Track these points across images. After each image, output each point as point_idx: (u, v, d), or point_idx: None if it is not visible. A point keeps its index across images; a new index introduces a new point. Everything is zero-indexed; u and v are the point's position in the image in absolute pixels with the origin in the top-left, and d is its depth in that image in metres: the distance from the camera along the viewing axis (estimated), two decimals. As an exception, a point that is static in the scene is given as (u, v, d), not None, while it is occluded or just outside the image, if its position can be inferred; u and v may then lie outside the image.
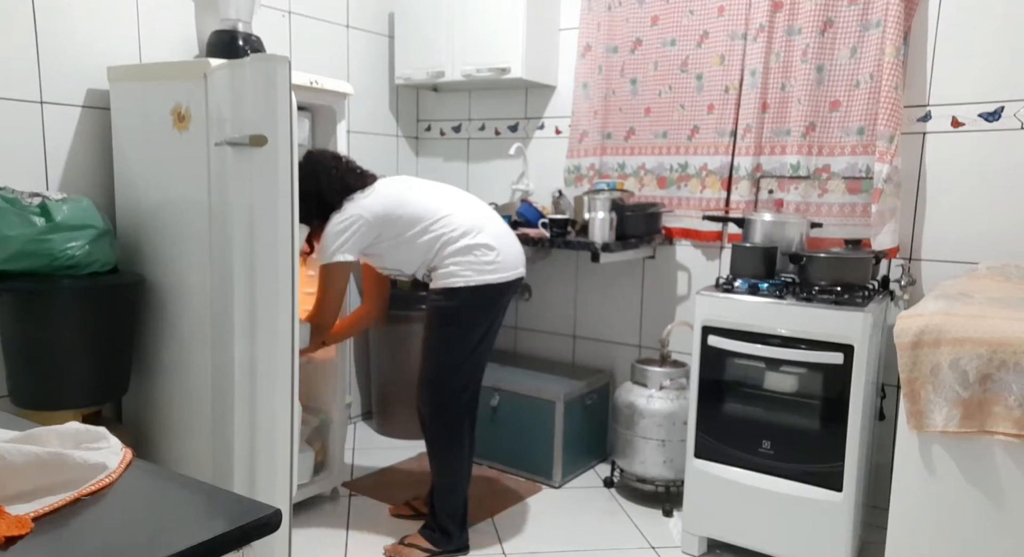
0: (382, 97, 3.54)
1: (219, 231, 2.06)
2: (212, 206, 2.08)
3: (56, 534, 0.81)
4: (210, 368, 2.14)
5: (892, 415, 2.37)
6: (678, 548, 2.46)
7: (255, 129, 1.85)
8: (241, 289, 1.96)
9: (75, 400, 2.14)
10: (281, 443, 1.91)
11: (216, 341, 2.10)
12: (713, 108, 2.84)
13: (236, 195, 1.95)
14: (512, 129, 3.44)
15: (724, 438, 2.34)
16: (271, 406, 1.92)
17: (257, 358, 1.94)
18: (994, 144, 2.38)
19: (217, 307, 2.08)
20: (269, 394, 1.92)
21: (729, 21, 2.76)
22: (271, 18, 2.96)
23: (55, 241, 2.04)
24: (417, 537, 2.38)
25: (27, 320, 2.06)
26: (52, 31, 2.27)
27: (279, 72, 1.81)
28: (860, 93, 2.53)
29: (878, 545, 2.06)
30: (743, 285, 2.36)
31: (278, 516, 0.88)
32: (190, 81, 2.11)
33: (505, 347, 3.55)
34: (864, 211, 2.57)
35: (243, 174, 1.92)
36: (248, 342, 1.95)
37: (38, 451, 0.89)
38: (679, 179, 2.96)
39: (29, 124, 2.26)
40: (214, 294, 2.10)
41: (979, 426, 1.70)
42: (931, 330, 1.73)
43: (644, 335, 3.15)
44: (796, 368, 2.24)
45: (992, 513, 1.72)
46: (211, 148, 2.04)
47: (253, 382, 1.96)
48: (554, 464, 2.90)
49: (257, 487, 1.97)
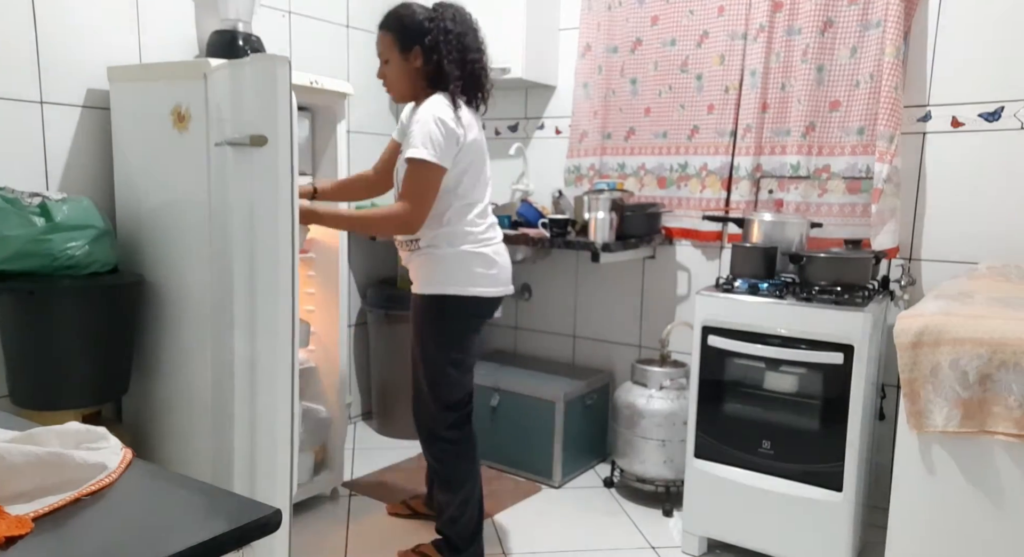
0: (382, 97, 3.53)
1: (219, 231, 2.06)
2: (212, 206, 2.08)
3: (56, 534, 0.81)
4: (211, 367, 2.14)
5: (892, 415, 2.36)
6: (678, 548, 2.46)
7: (255, 129, 1.85)
8: (241, 289, 1.96)
9: (75, 400, 2.14)
10: (281, 443, 1.91)
11: (216, 340, 2.10)
12: (713, 108, 2.84)
13: (236, 195, 1.95)
14: (512, 129, 3.44)
15: (724, 438, 2.34)
16: (272, 405, 1.92)
17: (257, 357, 1.94)
18: (994, 144, 2.38)
19: (217, 307, 2.08)
20: (269, 393, 1.92)
21: (729, 21, 2.76)
22: (271, 18, 2.96)
23: (55, 241, 2.04)
24: (430, 548, 2.32)
25: (27, 320, 2.06)
26: (52, 31, 2.27)
27: (279, 72, 1.81)
28: (860, 93, 2.53)
29: (878, 545, 2.05)
30: (743, 285, 2.36)
31: (278, 516, 0.88)
32: (190, 81, 2.11)
33: (505, 347, 3.55)
34: (864, 211, 2.57)
35: (243, 174, 1.92)
36: (248, 341, 1.95)
37: (38, 451, 0.89)
38: (679, 179, 2.96)
39: (29, 124, 2.26)
40: (214, 294, 2.10)
41: (979, 426, 1.70)
42: (931, 330, 1.73)
43: (644, 335, 3.15)
44: (796, 368, 2.24)
45: (992, 513, 1.72)
46: (211, 148, 2.04)
47: (253, 381, 1.96)
48: (554, 464, 2.90)
49: (257, 487, 1.97)
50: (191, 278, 2.20)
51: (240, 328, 1.96)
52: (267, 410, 1.93)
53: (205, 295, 2.15)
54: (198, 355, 2.20)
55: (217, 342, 2.09)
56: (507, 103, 3.42)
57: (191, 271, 2.20)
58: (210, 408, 2.14)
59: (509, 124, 3.45)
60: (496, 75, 3.04)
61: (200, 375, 2.19)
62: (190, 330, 2.23)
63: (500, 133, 3.46)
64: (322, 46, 3.22)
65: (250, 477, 1.98)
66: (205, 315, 2.16)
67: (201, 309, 2.18)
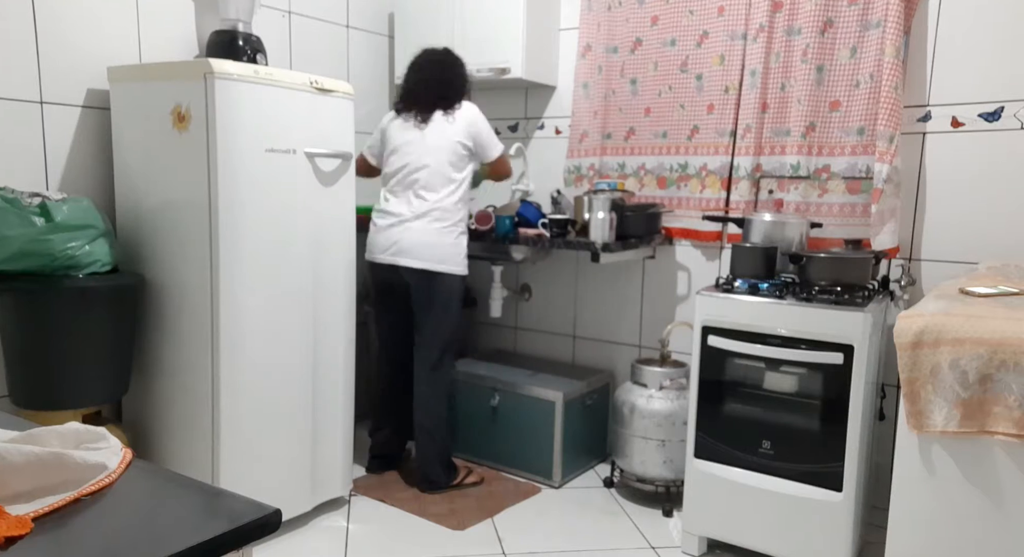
0: (382, 97, 3.54)
1: (220, 231, 2.05)
2: (212, 206, 2.08)
3: (56, 534, 0.81)
4: (221, 369, 2.14)
5: (892, 415, 2.36)
6: (678, 548, 2.46)
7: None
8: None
9: (75, 400, 2.14)
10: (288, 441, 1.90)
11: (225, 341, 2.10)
12: (713, 108, 2.84)
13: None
14: (512, 129, 3.44)
15: (724, 438, 2.34)
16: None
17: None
18: (994, 144, 2.38)
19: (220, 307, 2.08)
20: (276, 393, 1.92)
21: (729, 21, 2.76)
22: (271, 18, 2.96)
23: (55, 241, 2.04)
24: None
25: (27, 320, 2.06)
26: (52, 31, 2.27)
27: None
28: (860, 93, 2.53)
29: (878, 545, 2.06)
30: (743, 285, 2.36)
31: (278, 516, 0.88)
32: (190, 81, 2.11)
33: (505, 347, 3.55)
34: (864, 211, 2.57)
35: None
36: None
37: (38, 451, 0.89)
38: (679, 179, 2.96)
39: (29, 124, 2.26)
40: (215, 294, 2.10)
41: (979, 426, 1.70)
42: (931, 330, 1.73)
43: (644, 335, 3.15)
44: (796, 368, 2.24)
45: (992, 513, 1.72)
46: (211, 148, 2.04)
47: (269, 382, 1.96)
48: (554, 464, 2.90)
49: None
50: (191, 278, 2.20)
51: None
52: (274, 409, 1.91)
53: (205, 295, 2.15)
54: (198, 355, 2.20)
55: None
56: (507, 103, 3.42)
57: (191, 271, 2.20)
58: (210, 408, 2.13)
59: (509, 124, 3.45)
60: (496, 75, 3.07)
61: (200, 375, 2.19)
62: (190, 330, 2.23)
63: (500, 133, 3.45)
64: (322, 46, 3.22)
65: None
66: (205, 315, 2.16)
67: (201, 309, 2.18)
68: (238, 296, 2.21)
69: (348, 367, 2.63)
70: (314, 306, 2.46)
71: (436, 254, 2.64)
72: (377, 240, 2.71)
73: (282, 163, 2.30)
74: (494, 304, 3.19)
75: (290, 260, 2.36)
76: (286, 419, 2.40)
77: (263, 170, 2.25)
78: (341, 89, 2.51)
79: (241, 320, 2.23)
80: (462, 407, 3.08)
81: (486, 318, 3.40)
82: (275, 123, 2.27)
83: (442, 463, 2.81)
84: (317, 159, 2.42)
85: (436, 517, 2.60)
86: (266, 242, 2.28)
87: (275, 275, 2.32)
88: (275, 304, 2.33)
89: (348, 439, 2.67)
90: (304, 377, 2.44)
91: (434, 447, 2.79)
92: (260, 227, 2.26)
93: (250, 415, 2.28)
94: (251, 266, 2.24)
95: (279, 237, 2.32)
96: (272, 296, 2.32)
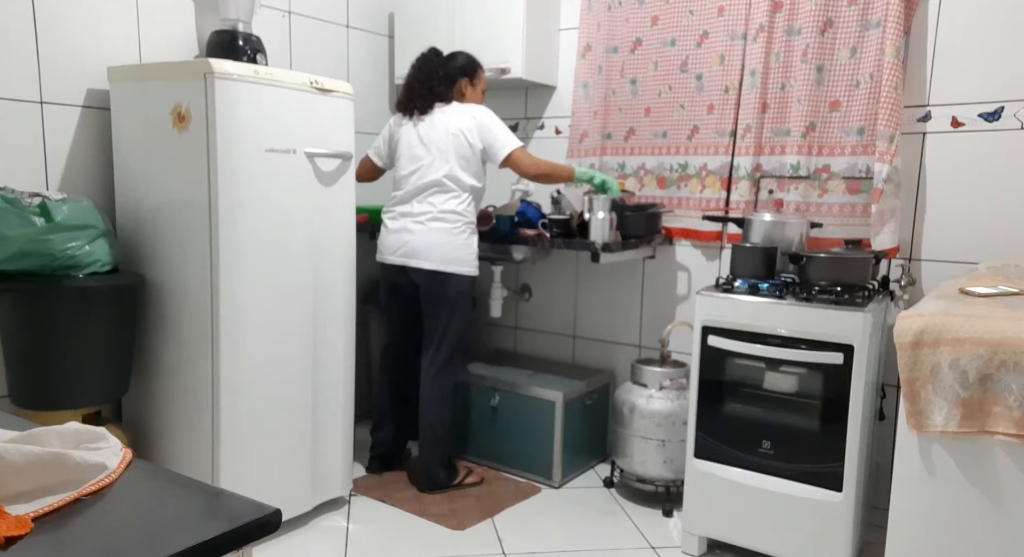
0: (382, 97, 3.54)
1: (220, 231, 2.05)
2: (212, 206, 2.08)
3: (56, 534, 0.81)
4: (221, 369, 2.14)
5: (892, 415, 2.36)
6: (678, 548, 2.46)
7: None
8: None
9: (75, 400, 2.14)
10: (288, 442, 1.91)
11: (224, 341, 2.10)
12: (713, 108, 2.84)
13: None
14: (512, 129, 3.43)
15: (724, 438, 2.34)
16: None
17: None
18: (994, 144, 2.38)
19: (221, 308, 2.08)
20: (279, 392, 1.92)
21: (729, 21, 2.76)
22: (271, 18, 2.96)
23: (55, 241, 2.04)
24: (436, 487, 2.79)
25: (27, 320, 2.06)
26: (52, 31, 2.27)
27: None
28: (860, 93, 2.53)
29: (878, 545, 2.06)
30: (743, 285, 2.36)
31: (278, 516, 0.88)
32: (190, 81, 2.11)
33: (505, 347, 3.55)
34: (864, 211, 2.57)
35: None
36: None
37: (38, 451, 0.89)
38: (679, 179, 2.96)
39: (29, 124, 2.26)
40: (215, 294, 2.10)
41: (979, 426, 1.70)
42: (931, 330, 1.73)
43: (644, 335, 3.15)
44: (796, 368, 2.24)
45: (992, 513, 1.72)
46: (211, 148, 2.04)
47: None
48: (554, 464, 2.90)
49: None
50: (191, 278, 2.20)
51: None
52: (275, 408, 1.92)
53: (205, 295, 2.15)
54: (198, 355, 2.20)
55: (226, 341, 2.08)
56: (507, 103, 3.42)
57: (191, 271, 2.20)
58: (210, 408, 2.14)
59: (509, 124, 3.43)
60: (496, 75, 3.07)
61: (200, 375, 2.19)
62: (190, 330, 2.23)
63: (500, 133, 3.46)
64: (322, 46, 3.22)
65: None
66: (205, 315, 2.16)
67: (201, 309, 2.18)
68: (238, 296, 2.22)
69: (348, 367, 2.63)
70: (314, 306, 2.46)
71: (445, 255, 2.64)
72: (387, 241, 2.73)
73: (282, 163, 2.30)
74: (494, 304, 3.19)
75: (290, 260, 2.36)
76: (286, 419, 2.40)
77: (263, 170, 2.25)
78: (341, 89, 2.51)
79: (241, 320, 2.23)
80: (462, 407, 3.08)
81: (486, 318, 3.40)
82: (275, 123, 2.27)
83: (443, 463, 2.81)
84: (317, 159, 2.42)
85: (436, 517, 2.60)
86: (266, 242, 2.28)
87: (275, 275, 2.32)
88: (275, 304, 2.33)
89: (348, 439, 2.67)
90: (304, 377, 2.45)
91: (438, 448, 2.79)
92: (260, 227, 2.26)
93: (250, 415, 2.29)
94: (251, 266, 2.25)
95: (279, 237, 2.32)
96: (272, 296, 2.32)
